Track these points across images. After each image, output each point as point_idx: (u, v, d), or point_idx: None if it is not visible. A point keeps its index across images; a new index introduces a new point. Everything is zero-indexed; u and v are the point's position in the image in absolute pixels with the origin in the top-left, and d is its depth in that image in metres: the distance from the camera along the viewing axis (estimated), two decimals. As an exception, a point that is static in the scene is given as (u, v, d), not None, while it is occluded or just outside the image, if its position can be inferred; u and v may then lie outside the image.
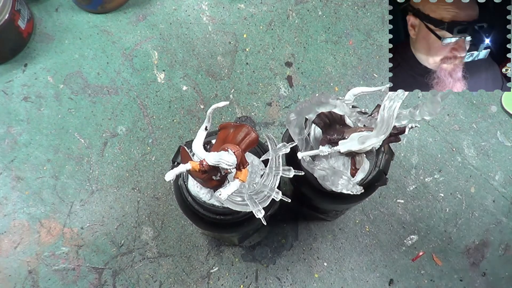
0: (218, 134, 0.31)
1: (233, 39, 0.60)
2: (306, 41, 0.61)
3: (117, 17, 0.61)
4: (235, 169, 0.30)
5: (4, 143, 0.54)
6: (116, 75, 0.58)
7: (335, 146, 0.34)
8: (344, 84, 0.59)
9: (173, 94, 0.57)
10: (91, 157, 0.54)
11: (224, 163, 0.28)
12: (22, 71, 0.58)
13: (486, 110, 0.58)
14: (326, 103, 0.33)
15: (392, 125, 0.29)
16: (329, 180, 0.34)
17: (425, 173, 0.55)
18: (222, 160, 0.28)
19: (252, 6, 0.62)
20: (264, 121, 0.56)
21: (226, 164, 0.28)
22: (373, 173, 0.36)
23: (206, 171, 0.28)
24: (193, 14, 0.62)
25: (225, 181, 0.33)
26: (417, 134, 0.57)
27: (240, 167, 0.30)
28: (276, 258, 0.52)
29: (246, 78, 0.58)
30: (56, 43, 0.59)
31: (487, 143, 0.56)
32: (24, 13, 0.57)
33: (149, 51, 0.59)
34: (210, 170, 0.29)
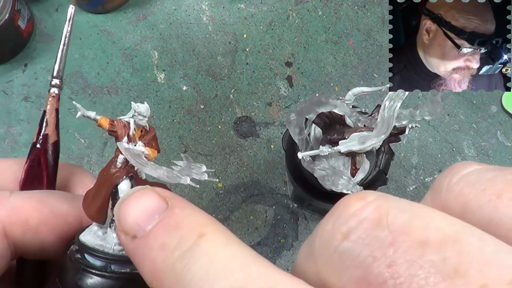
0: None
1: (233, 39, 0.60)
2: (306, 41, 0.61)
3: (117, 17, 0.61)
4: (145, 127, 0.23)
5: (4, 143, 0.54)
6: (116, 75, 0.58)
7: (335, 146, 0.34)
8: (344, 84, 0.59)
9: (173, 94, 0.57)
10: (91, 157, 0.54)
11: (138, 114, 0.22)
12: (22, 71, 0.58)
13: (486, 110, 0.58)
14: (326, 103, 0.33)
15: (392, 125, 0.29)
16: (329, 180, 0.34)
17: (425, 173, 0.55)
18: (135, 112, 0.22)
19: (252, 6, 0.62)
20: (264, 121, 0.56)
21: (141, 115, 0.22)
22: (373, 173, 0.36)
23: (114, 130, 0.22)
24: (193, 14, 0.62)
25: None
26: (417, 134, 0.57)
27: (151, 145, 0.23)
28: (276, 258, 0.52)
29: (246, 78, 0.58)
30: (56, 43, 0.59)
31: (487, 143, 0.56)
32: (24, 13, 0.57)
33: (149, 51, 0.59)
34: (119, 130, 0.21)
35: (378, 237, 0.11)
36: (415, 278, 0.10)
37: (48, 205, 0.21)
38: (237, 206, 0.52)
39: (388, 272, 0.11)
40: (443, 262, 0.10)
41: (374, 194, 0.12)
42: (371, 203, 0.12)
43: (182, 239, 0.14)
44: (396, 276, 0.10)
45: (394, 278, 0.10)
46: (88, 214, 0.21)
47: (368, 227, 0.12)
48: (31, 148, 0.25)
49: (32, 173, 0.24)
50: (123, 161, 0.21)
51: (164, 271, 0.13)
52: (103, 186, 0.21)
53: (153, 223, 0.15)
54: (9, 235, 0.20)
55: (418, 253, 0.11)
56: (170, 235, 0.14)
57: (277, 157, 0.54)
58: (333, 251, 0.12)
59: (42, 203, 0.21)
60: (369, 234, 0.11)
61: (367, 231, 0.12)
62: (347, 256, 0.11)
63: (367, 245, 0.11)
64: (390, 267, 0.11)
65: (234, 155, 0.54)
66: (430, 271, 0.10)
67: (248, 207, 0.52)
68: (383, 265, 0.11)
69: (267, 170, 0.54)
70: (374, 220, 0.12)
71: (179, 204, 0.15)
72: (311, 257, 0.13)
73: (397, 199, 0.12)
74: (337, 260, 0.12)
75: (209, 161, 0.54)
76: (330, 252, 0.12)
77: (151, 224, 0.15)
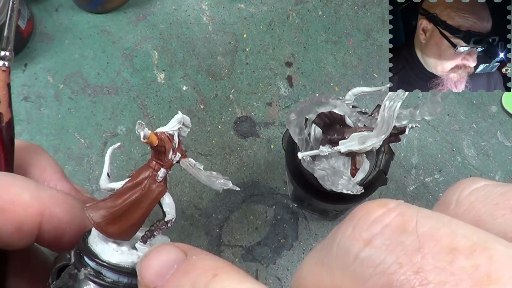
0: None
1: (233, 39, 0.60)
2: (306, 41, 0.61)
3: (117, 17, 0.61)
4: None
5: (4, 143, 0.54)
6: (116, 75, 0.58)
7: (335, 146, 0.34)
8: (344, 84, 0.59)
9: (173, 94, 0.57)
10: (91, 157, 0.54)
11: (184, 125, 0.20)
12: (22, 71, 0.58)
13: (486, 110, 0.58)
14: (326, 103, 0.33)
15: (392, 125, 0.29)
16: (329, 180, 0.34)
17: (425, 173, 0.55)
18: (181, 123, 0.20)
19: (252, 6, 0.62)
20: (264, 121, 0.56)
21: (186, 127, 0.20)
22: (373, 173, 0.36)
23: (163, 145, 0.20)
24: (193, 14, 0.62)
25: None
26: (417, 134, 0.57)
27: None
28: (276, 258, 0.52)
29: (246, 78, 0.58)
30: (56, 43, 0.59)
31: (487, 143, 0.56)
32: (24, 13, 0.57)
33: (149, 51, 0.59)
34: (160, 147, 0.20)
35: (404, 243, 0.11)
36: (446, 284, 0.10)
37: (9, 192, 0.20)
38: (237, 206, 0.52)
39: (416, 279, 0.10)
40: (475, 269, 0.10)
41: (394, 201, 0.12)
42: (394, 209, 0.12)
43: (196, 279, 0.14)
44: (425, 283, 0.10)
45: (423, 285, 0.10)
46: (111, 232, 0.19)
47: (393, 233, 0.11)
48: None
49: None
50: (164, 175, 0.20)
51: None
52: (142, 202, 0.20)
53: (171, 272, 0.15)
54: None
55: (448, 259, 0.10)
56: (184, 278, 0.14)
57: (277, 157, 0.54)
58: (354, 258, 0.11)
59: (3, 188, 0.20)
60: (393, 240, 0.11)
61: (391, 237, 0.11)
62: (369, 263, 0.11)
63: (392, 251, 0.11)
64: (418, 274, 0.10)
65: (234, 155, 0.54)
66: (462, 277, 0.10)
67: (248, 207, 0.52)
68: (410, 271, 0.10)
69: (267, 170, 0.54)
70: (399, 226, 0.11)
71: (196, 252, 0.16)
72: (326, 265, 0.12)
73: (418, 207, 0.12)
74: (358, 267, 0.11)
75: (209, 161, 0.54)
76: (350, 259, 0.11)
77: (169, 273, 0.15)
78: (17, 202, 0.20)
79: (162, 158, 0.20)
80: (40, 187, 0.21)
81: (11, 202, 0.19)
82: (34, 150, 0.26)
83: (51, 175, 0.25)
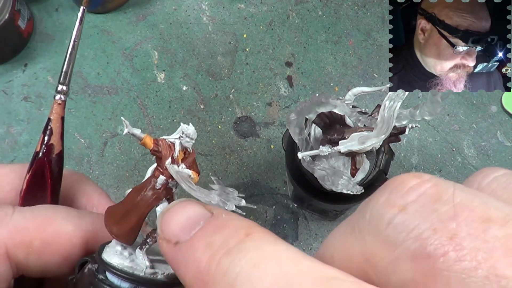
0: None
1: (233, 39, 0.60)
2: (306, 41, 0.61)
3: (117, 17, 0.61)
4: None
5: (4, 143, 0.54)
6: (116, 75, 0.58)
7: (335, 146, 0.34)
8: (344, 84, 0.59)
9: (173, 94, 0.57)
10: (91, 157, 0.54)
11: (186, 136, 0.20)
12: (22, 71, 0.58)
13: (486, 110, 0.58)
14: (326, 103, 0.33)
15: (392, 125, 0.29)
16: (329, 180, 0.34)
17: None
18: (183, 133, 0.20)
19: (252, 6, 0.62)
20: (264, 121, 0.56)
21: (189, 137, 0.20)
22: (373, 173, 0.36)
23: (159, 150, 0.20)
24: (193, 14, 0.62)
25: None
26: (417, 134, 0.57)
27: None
28: (276, 258, 0.51)
29: (246, 78, 0.58)
30: (56, 43, 0.59)
31: (487, 143, 0.56)
32: (24, 13, 0.57)
33: (149, 51, 0.59)
34: (161, 152, 0.20)
35: (438, 211, 0.11)
36: (480, 251, 0.10)
37: (52, 225, 0.20)
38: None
39: (450, 244, 0.10)
40: (507, 238, 0.10)
41: (428, 174, 0.13)
42: (429, 180, 0.12)
43: (228, 237, 0.13)
44: (458, 248, 0.10)
45: (456, 250, 0.10)
46: (114, 233, 0.20)
47: (428, 201, 0.11)
48: (33, 158, 0.23)
49: (34, 184, 0.23)
50: (163, 182, 0.20)
51: (209, 270, 0.13)
52: (138, 207, 0.20)
53: (198, 227, 0.14)
54: (11, 257, 0.19)
55: (482, 227, 0.11)
56: (215, 235, 0.14)
57: (277, 157, 0.54)
58: (387, 223, 0.12)
59: (47, 222, 0.20)
60: (428, 207, 0.11)
61: (426, 205, 0.11)
62: (403, 228, 0.11)
63: (427, 218, 0.11)
64: (453, 239, 0.10)
65: (234, 155, 0.54)
66: (495, 245, 0.10)
67: (248, 207, 0.52)
68: (444, 237, 0.11)
69: (267, 170, 0.54)
70: (434, 195, 0.12)
71: (224, 212, 0.15)
72: (357, 231, 0.13)
73: (450, 181, 0.13)
74: (391, 232, 0.11)
75: (209, 161, 0.54)
76: (383, 224, 0.12)
77: (196, 229, 0.14)
78: (61, 234, 0.20)
79: (161, 165, 0.20)
80: (81, 215, 0.21)
81: (55, 235, 0.20)
82: (79, 178, 0.27)
83: (98, 201, 0.25)
